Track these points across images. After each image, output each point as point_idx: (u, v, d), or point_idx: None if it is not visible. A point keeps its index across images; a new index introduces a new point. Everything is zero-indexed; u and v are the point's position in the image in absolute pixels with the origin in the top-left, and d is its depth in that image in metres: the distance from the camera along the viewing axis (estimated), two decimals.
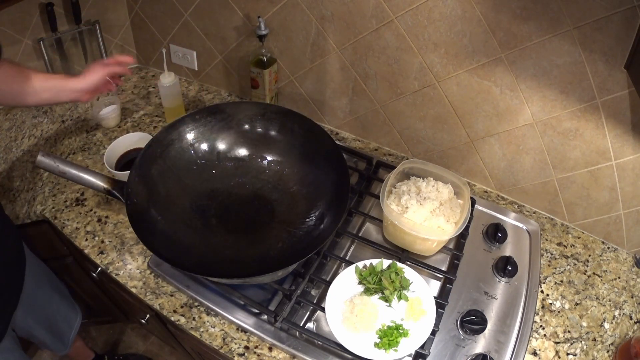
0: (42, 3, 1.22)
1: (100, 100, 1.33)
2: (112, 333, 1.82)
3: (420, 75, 1.07)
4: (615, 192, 1.00)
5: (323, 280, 0.95)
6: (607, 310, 0.97)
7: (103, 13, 1.36)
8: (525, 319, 0.92)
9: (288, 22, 1.16)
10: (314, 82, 1.26)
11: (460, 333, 0.90)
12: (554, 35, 0.85)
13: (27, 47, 1.26)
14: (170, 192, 0.97)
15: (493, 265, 1.01)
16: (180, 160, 1.01)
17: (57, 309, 1.20)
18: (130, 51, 1.52)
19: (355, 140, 1.32)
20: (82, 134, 1.31)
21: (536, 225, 1.09)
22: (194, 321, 0.92)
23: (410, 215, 0.95)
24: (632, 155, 0.93)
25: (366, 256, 0.99)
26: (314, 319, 0.92)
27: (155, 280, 0.99)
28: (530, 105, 0.98)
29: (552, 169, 1.05)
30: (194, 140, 1.03)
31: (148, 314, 1.18)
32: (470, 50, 0.96)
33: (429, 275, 1.00)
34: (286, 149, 1.06)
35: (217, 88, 1.48)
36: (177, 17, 1.34)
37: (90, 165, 1.22)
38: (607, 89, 0.87)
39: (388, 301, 0.88)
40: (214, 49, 1.36)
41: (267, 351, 0.88)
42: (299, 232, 0.96)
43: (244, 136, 1.07)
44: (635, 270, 1.05)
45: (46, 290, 1.15)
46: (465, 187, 0.99)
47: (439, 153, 1.20)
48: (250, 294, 0.92)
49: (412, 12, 0.97)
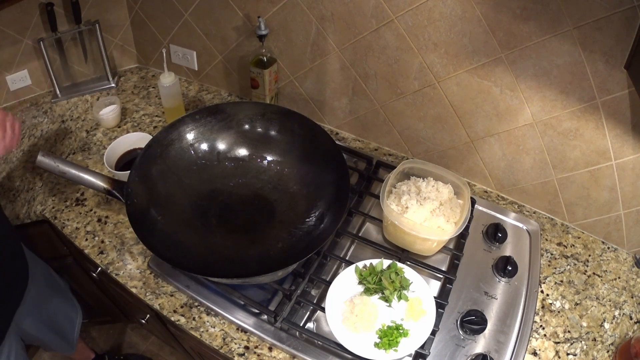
0: (42, 3, 1.22)
1: (100, 100, 1.34)
2: (112, 333, 1.82)
3: (420, 75, 1.07)
4: (615, 192, 1.00)
5: (323, 280, 0.95)
6: (607, 310, 0.97)
7: (103, 13, 1.36)
8: (525, 319, 0.92)
9: (288, 22, 1.16)
10: (314, 82, 1.26)
11: (460, 333, 0.90)
12: (554, 35, 0.85)
13: (27, 47, 1.27)
14: (170, 192, 0.97)
15: (493, 265, 1.01)
16: (180, 161, 1.01)
17: (58, 307, 1.20)
18: (130, 51, 1.53)
19: (355, 140, 1.32)
20: (82, 134, 1.31)
21: (536, 225, 1.09)
22: (194, 321, 0.92)
23: (410, 215, 0.95)
24: (632, 155, 0.93)
25: (366, 256, 0.99)
26: (314, 319, 0.92)
27: (155, 280, 0.99)
28: (530, 105, 0.98)
29: (552, 169, 1.05)
30: (194, 140, 1.03)
31: (148, 314, 1.18)
32: (470, 50, 0.96)
33: (429, 275, 1.00)
34: (286, 149, 1.06)
35: (217, 88, 1.48)
36: (177, 17, 1.34)
37: (90, 165, 1.22)
38: (607, 89, 0.87)
39: (388, 301, 0.88)
40: (214, 49, 1.36)
41: (267, 351, 0.88)
42: (299, 232, 0.96)
43: (244, 136, 1.06)
44: (635, 270, 1.05)
45: (45, 289, 1.15)
46: (465, 187, 0.99)
47: (439, 153, 1.20)
48: (250, 294, 0.92)
49: (412, 12, 0.97)
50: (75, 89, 1.40)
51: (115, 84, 1.45)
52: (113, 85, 1.44)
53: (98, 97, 1.40)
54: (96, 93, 1.41)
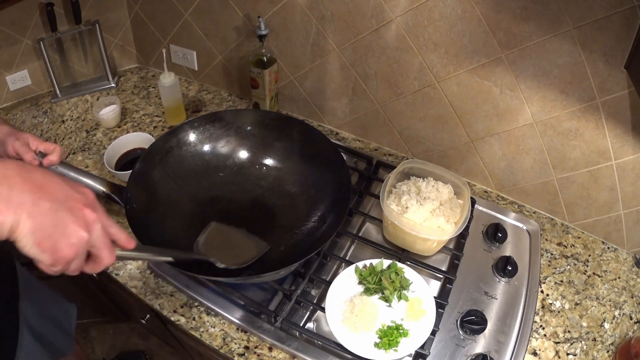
0: (42, 3, 1.22)
1: (100, 100, 1.34)
2: (112, 333, 1.82)
3: (420, 75, 1.07)
4: (615, 192, 1.00)
5: (323, 280, 0.95)
6: (607, 310, 0.97)
7: (103, 13, 1.36)
8: (525, 319, 0.92)
9: (288, 22, 1.16)
10: (314, 82, 1.26)
11: (460, 333, 0.90)
12: (554, 35, 0.85)
13: (27, 47, 1.27)
14: (170, 198, 0.97)
15: (493, 265, 1.01)
16: (179, 168, 1.01)
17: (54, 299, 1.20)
18: (130, 51, 1.53)
19: (355, 140, 1.32)
20: (82, 134, 1.31)
21: (536, 225, 1.09)
22: (194, 321, 0.92)
23: (410, 215, 0.95)
24: (632, 155, 0.93)
25: (366, 256, 0.99)
26: (314, 319, 0.92)
27: (155, 280, 0.99)
28: (530, 105, 0.98)
29: (552, 169, 1.05)
30: (193, 147, 1.04)
31: (148, 314, 1.18)
32: (470, 50, 0.96)
33: (429, 275, 1.00)
34: (285, 154, 1.06)
35: (217, 88, 1.48)
36: (177, 17, 1.34)
37: (90, 165, 1.22)
38: (607, 89, 0.87)
39: (388, 301, 0.88)
40: (214, 49, 1.36)
41: (267, 351, 0.88)
42: (301, 234, 0.96)
43: (243, 143, 1.07)
44: (635, 270, 1.05)
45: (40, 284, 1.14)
46: (465, 187, 0.99)
47: (439, 153, 1.20)
48: (250, 294, 0.92)
49: (412, 12, 0.97)
50: (75, 89, 1.40)
51: (115, 84, 1.45)
52: (113, 85, 1.44)
53: (98, 97, 1.40)
54: (96, 93, 1.41)
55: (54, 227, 0.47)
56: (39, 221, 0.46)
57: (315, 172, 1.01)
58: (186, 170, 1.02)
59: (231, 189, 1.04)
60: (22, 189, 0.45)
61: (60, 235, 0.47)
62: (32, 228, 0.45)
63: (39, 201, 0.46)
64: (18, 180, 0.45)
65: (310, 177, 1.02)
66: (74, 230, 0.48)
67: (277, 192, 1.04)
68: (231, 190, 1.04)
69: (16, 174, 0.46)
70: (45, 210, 0.46)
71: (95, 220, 0.51)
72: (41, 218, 0.46)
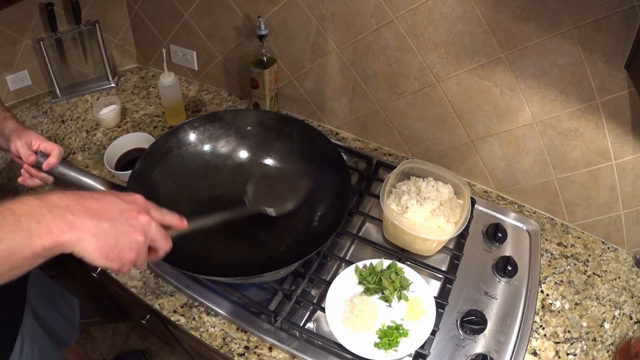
0: (42, 3, 1.22)
1: (100, 100, 1.34)
2: (112, 333, 1.82)
3: (420, 75, 1.07)
4: (615, 192, 1.00)
5: (323, 280, 0.95)
6: (607, 310, 0.97)
7: (103, 13, 1.36)
8: (525, 319, 0.92)
9: (288, 22, 1.16)
10: (314, 82, 1.26)
11: (460, 333, 0.90)
12: (554, 35, 0.85)
13: (27, 47, 1.27)
14: (170, 199, 0.96)
15: (493, 265, 1.01)
16: (179, 168, 1.01)
17: (59, 293, 1.20)
18: (130, 51, 1.53)
19: (355, 140, 1.32)
20: (82, 134, 1.31)
21: (536, 225, 1.09)
22: (194, 321, 0.92)
23: (410, 215, 0.95)
24: (632, 155, 0.93)
25: (366, 256, 0.99)
26: (314, 319, 0.92)
27: (155, 280, 0.99)
28: (530, 105, 0.98)
29: (552, 169, 1.05)
30: (193, 147, 1.04)
31: (148, 314, 1.18)
32: (470, 50, 0.96)
33: (429, 275, 1.00)
34: (285, 154, 1.06)
35: (217, 88, 1.48)
36: (177, 17, 1.34)
37: (90, 165, 1.22)
38: (607, 89, 0.87)
39: (388, 301, 0.88)
40: (214, 49, 1.36)
41: (267, 351, 0.88)
42: (301, 234, 0.96)
43: (243, 143, 1.07)
44: (635, 270, 1.05)
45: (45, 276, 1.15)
46: (465, 187, 0.99)
47: (439, 153, 1.20)
48: (250, 294, 0.92)
49: (412, 12, 0.97)
50: (75, 89, 1.40)
51: (115, 84, 1.45)
52: (113, 85, 1.44)
53: (98, 97, 1.40)
54: (96, 93, 1.41)
55: (115, 241, 0.55)
56: (103, 239, 0.54)
57: (315, 171, 1.01)
58: (186, 170, 1.02)
59: (231, 190, 1.04)
60: (83, 215, 0.53)
61: (122, 245, 0.56)
62: (97, 245, 0.54)
63: (99, 223, 0.54)
64: (79, 209, 0.54)
65: (311, 176, 1.02)
66: (132, 237, 0.57)
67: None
68: (231, 191, 1.04)
69: (75, 202, 0.54)
70: (106, 229, 0.54)
71: (149, 222, 0.59)
72: (104, 236, 0.54)
